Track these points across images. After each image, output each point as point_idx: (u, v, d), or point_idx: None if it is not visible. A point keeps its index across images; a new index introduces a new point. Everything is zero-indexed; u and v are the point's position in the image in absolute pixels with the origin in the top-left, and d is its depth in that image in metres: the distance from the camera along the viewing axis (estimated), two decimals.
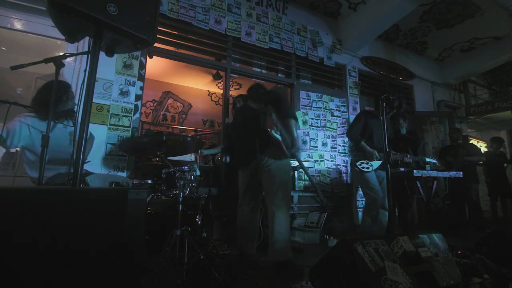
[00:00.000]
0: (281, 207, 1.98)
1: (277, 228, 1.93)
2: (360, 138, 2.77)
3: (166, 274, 1.59)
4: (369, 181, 2.70)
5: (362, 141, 2.74)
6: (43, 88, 1.95)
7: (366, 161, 2.71)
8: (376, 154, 2.68)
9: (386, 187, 2.67)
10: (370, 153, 2.69)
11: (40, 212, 0.80)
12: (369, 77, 5.11)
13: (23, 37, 2.94)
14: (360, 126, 2.84)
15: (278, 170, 2.02)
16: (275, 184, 2.00)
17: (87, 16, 0.99)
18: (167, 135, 1.98)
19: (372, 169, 2.70)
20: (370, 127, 2.83)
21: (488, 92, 7.28)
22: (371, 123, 2.84)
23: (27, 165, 1.92)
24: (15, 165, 3.18)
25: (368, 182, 2.71)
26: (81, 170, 1.03)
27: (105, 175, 2.22)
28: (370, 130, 2.81)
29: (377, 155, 2.69)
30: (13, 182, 2.69)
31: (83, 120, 1.04)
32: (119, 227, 0.91)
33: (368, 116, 2.91)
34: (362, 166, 2.70)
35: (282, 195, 2.00)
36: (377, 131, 2.81)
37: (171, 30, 3.45)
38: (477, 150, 4.43)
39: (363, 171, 2.70)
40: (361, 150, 2.72)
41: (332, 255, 1.32)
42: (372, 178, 2.71)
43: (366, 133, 2.81)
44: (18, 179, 2.86)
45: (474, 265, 1.86)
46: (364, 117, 2.89)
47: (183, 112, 6.37)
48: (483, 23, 4.84)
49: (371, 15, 4.18)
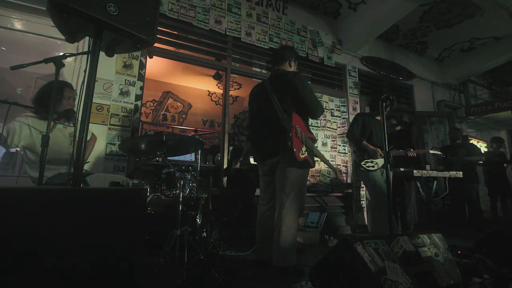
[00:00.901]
0: (291, 210, 1.88)
1: (283, 232, 1.83)
2: (361, 138, 2.77)
3: (166, 274, 1.59)
4: (375, 180, 2.68)
5: (364, 141, 2.74)
6: (43, 88, 1.95)
7: (370, 159, 2.70)
8: (379, 151, 2.68)
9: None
10: (373, 151, 2.68)
11: (40, 212, 0.80)
12: (369, 77, 5.11)
13: (23, 37, 2.94)
14: (359, 127, 2.85)
15: (293, 171, 1.92)
16: (287, 185, 1.91)
17: (87, 16, 0.99)
18: (167, 135, 1.97)
19: (378, 167, 2.68)
20: (369, 126, 2.84)
21: (488, 92, 7.29)
22: (369, 123, 2.85)
23: (28, 165, 1.92)
24: (15, 165, 3.18)
25: (375, 181, 2.69)
26: (81, 170, 1.03)
27: (105, 175, 2.21)
28: (369, 129, 2.82)
29: (381, 152, 2.68)
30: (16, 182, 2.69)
31: (83, 120, 1.04)
32: (119, 227, 0.91)
33: (365, 117, 2.93)
34: (368, 166, 2.68)
35: (294, 197, 1.90)
36: (376, 129, 2.82)
37: (171, 30, 3.45)
38: (477, 150, 4.43)
39: (369, 170, 2.68)
40: (364, 149, 2.72)
41: (332, 255, 1.32)
42: (378, 177, 2.69)
43: (365, 133, 2.82)
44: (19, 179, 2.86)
45: (474, 265, 1.85)
46: (361, 118, 2.91)
47: (183, 112, 6.37)
48: (483, 23, 4.84)
49: (371, 15, 4.18)
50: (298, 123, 1.92)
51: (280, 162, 1.97)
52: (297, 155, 1.83)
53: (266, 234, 2.04)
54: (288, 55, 2.18)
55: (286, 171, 1.93)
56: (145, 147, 2.11)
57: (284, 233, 1.84)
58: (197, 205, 2.14)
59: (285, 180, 1.93)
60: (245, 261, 2.27)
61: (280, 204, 1.92)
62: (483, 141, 7.71)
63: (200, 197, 2.18)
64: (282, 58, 2.17)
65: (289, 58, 2.18)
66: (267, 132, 2.05)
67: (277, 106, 1.96)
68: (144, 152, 2.24)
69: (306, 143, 1.96)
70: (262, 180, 2.18)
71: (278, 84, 2.06)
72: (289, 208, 1.89)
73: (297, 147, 1.85)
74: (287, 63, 2.17)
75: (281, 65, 2.17)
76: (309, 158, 1.93)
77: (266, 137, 2.07)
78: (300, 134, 1.90)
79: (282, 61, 2.17)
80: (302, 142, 1.91)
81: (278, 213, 1.91)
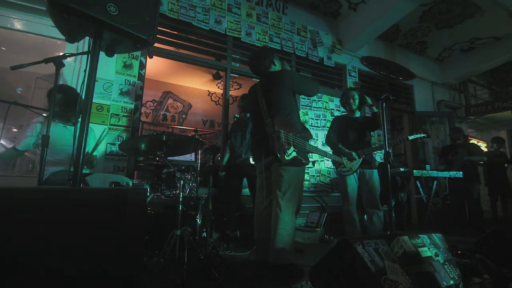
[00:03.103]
0: (287, 208, 1.89)
1: (279, 231, 1.84)
2: (336, 141, 2.78)
3: (166, 274, 1.59)
4: (345, 190, 2.70)
5: (339, 144, 2.75)
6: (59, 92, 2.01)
7: (343, 165, 2.69)
8: (353, 154, 2.66)
9: (375, 186, 2.64)
10: (349, 154, 2.67)
11: (40, 212, 0.80)
12: (369, 77, 5.11)
13: (23, 37, 2.94)
14: (334, 131, 2.87)
15: (288, 170, 1.94)
16: (283, 183, 1.92)
17: (87, 16, 0.99)
18: (167, 135, 1.97)
19: (352, 171, 2.66)
20: (342, 128, 2.84)
21: (488, 92, 7.29)
22: (341, 125, 2.86)
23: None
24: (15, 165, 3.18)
25: (344, 191, 2.70)
26: (81, 170, 1.03)
27: (105, 175, 2.21)
28: (343, 131, 2.82)
29: (355, 155, 2.66)
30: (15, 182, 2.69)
31: (83, 120, 1.04)
32: (119, 227, 0.91)
33: (337, 120, 2.95)
34: (343, 171, 2.69)
35: (290, 196, 1.92)
36: (348, 130, 2.81)
37: (171, 30, 3.45)
38: (478, 150, 4.41)
39: (344, 175, 2.68)
40: (340, 152, 2.72)
41: (332, 255, 1.32)
42: (350, 185, 2.68)
43: (340, 136, 2.83)
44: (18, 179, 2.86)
45: (474, 265, 1.85)
46: (335, 122, 2.93)
47: (183, 112, 6.37)
48: (483, 23, 4.84)
49: (371, 15, 4.18)
50: (283, 126, 1.94)
51: (274, 162, 1.99)
52: (281, 157, 1.87)
53: (264, 233, 2.04)
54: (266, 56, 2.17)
55: (281, 170, 1.95)
56: (145, 147, 2.11)
57: (281, 231, 1.84)
58: (197, 205, 2.14)
59: (280, 179, 1.94)
60: (245, 261, 2.27)
61: (276, 202, 1.93)
62: (483, 141, 7.71)
63: (200, 197, 2.18)
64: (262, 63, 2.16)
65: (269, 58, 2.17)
66: (260, 134, 2.08)
67: (264, 110, 2.02)
68: (144, 152, 2.24)
69: (295, 143, 1.97)
70: (258, 178, 2.19)
71: (266, 87, 2.10)
72: (285, 206, 1.90)
73: (281, 150, 1.88)
74: (270, 64, 2.17)
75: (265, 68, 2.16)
76: (298, 157, 1.94)
77: (260, 138, 2.10)
78: (285, 137, 1.92)
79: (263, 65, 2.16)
80: (288, 144, 1.92)
81: (274, 212, 1.92)
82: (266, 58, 2.16)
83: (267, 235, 1.96)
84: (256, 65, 2.18)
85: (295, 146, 1.95)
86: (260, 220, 2.10)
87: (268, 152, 1.95)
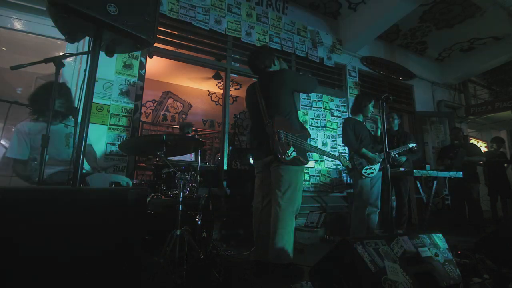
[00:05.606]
0: (287, 207, 1.89)
1: (279, 230, 1.83)
2: (360, 146, 2.82)
3: (166, 274, 1.59)
4: (364, 188, 2.75)
5: (364, 148, 2.78)
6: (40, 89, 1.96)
7: (368, 166, 2.76)
8: (377, 158, 2.74)
9: (379, 187, 2.78)
10: (373, 159, 2.74)
11: (40, 212, 0.80)
12: (369, 77, 5.11)
13: (23, 37, 2.94)
14: (353, 133, 2.88)
15: (287, 169, 1.94)
16: (282, 183, 1.93)
17: (87, 16, 0.99)
18: (167, 135, 1.97)
19: (375, 172, 2.76)
20: (358, 131, 2.87)
21: (488, 92, 7.29)
22: (357, 128, 2.89)
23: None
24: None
25: (363, 188, 2.76)
26: (81, 170, 1.03)
27: (105, 175, 2.21)
28: (359, 134, 2.86)
29: (379, 159, 2.75)
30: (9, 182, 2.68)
31: (83, 120, 1.04)
32: (119, 227, 0.91)
33: (351, 122, 2.97)
34: (368, 173, 2.74)
35: (289, 195, 1.92)
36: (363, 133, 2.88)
37: (171, 30, 3.44)
38: (477, 150, 4.42)
39: (370, 177, 2.75)
40: (364, 156, 2.76)
41: (332, 255, 1.32)
42: (367, 187, 2.76)
43: (357, 138, 2.86)
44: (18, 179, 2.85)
45: (474, 265, 1.85)
46: (352, 124, 2.95)
47: (183, 112, 6.37)
48: (483, 23, 4.84)
49: (371, 15, 4.18)
50: (282, 126, 1.94)
51: (274, 161, 1.99)
52: (281, 158, 1.87)
53: (263, 233, 2.04)
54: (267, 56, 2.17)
55: (280, 169, 1.95)
56: (145, 147, 2.11)
57: (280, 231, 1.85)
58: (197, 205, 2.14)
59: (280, 178, 1.94)
60: (245, 261, 2.27)
61: (276, 202, 1.93)
62: (483, 141, 7.70)
63: (200, 197, 2.17)
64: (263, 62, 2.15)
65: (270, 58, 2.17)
66: (260, 134, 2.08)
67: (263, 111, 2.02)
68: (144, 152, 2.24)
69: (295, 142, 1.97)
70: (257, 177, 2.19)
71: (266, 86, 2.09)
72: (284, 205, 1.90)
73: (281, 150, 1.88)
74: (270, 64, 2.16)
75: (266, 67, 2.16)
76: (298, 157, 1.94)
77: (259, 138, 2.10)
78: (285, 137, 1.92)
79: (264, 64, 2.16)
80: (287, 144, 1.92)
81: (274, 211, 1.92)
82: (267, 57, 2.16)
83: (266, 235, 1.96)
84: (257, 63, 2.17)
85: (294, 146, 1.95)
86: (259, 220, 2.10)
87: (268, 152, 1.95)
